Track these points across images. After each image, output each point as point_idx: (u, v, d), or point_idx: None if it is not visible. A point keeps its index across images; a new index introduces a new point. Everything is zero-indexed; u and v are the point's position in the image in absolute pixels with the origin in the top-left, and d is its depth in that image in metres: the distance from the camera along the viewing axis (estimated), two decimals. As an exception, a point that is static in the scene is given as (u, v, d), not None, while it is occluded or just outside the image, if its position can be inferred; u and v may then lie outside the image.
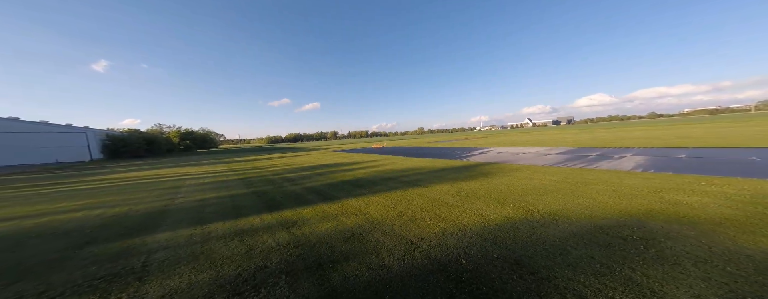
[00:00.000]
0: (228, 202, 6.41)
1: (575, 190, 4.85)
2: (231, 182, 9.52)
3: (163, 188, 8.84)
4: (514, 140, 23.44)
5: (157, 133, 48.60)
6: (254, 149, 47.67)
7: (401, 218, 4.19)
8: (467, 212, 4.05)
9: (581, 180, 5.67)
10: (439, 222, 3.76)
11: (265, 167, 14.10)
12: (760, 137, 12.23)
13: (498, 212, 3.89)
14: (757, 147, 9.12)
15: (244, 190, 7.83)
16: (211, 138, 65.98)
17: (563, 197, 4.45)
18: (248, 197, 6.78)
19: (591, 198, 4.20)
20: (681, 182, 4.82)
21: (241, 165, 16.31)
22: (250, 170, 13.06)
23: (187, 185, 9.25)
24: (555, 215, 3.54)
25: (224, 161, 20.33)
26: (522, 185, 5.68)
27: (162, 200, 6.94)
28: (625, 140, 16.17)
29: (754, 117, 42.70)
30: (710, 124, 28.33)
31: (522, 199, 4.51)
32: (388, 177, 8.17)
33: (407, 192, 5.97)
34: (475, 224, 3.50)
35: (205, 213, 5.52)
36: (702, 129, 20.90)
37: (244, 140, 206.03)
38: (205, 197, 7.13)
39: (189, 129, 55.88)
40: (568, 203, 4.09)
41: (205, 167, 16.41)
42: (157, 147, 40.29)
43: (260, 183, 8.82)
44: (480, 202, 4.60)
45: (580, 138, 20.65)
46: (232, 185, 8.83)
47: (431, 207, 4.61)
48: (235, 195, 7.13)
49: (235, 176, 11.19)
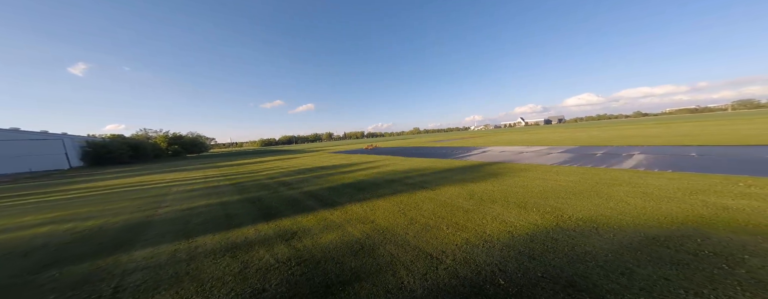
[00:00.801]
0: (219, 211, 5.85)
1: (599, 192, 4.52)
2: (222, 188, 8.89)
3: (146, 197, 8.16)
4: (512, 139, 23.39)
5: (143, 138, 46.71)
6: (247, 153, 46.48)
7: (414, 227, 3.76)
8: (488, 219, 3.65)
9: (600, 180, 5.37)
10: (458, 231, 3.35)
11: (259, 171, 13.45)
12: (758, 134, 12.37)
13: (523, 219, 3.51)
14: (763, 145, 9.10)
15: (236, 196, 7.25)
16: (202, 142, 64.08)
17: (589, 201, 4.11)
18: (241, 205, 6.23)
19: (622, 201, 3.87)
20: (711, 183, 4.54)
21: (233, 169, 15.57)
22: (243, 175, 12.40)
23: (174, 193, 8.57)
24: (591, 222, 3.17)
25: (215, 166, 19.46)
26: (538, 186, 5.34)
27: (144, 210, 6.30)
28: (624, 138, 16.23)
29: (733, 116, 44.27)
30: (701, 122, 29.06)
31: (544, 203, 4.15)
32: (391, 179, 7.74)
33: (415, 196, 5.56)
34: (502, 233, 3.10)
35: (192, 224, 4.96)
36: (696, 127, 21.30)
37: (237, 144, 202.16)
38: (194, 205, 6.53)
39: (177, 133, 54.12)
40: (598, 207, 3.74)
41: (194, 172, 15.58)
42: (143, 153, 38.61)
43: (254, 189, 8.24)
44: (498, 206, 4.22)
45: (577, 136, 20.73)
46: (223, 191, 8.22)
47: (445, 213, 4.20)
48: (227, 203, 6.55)
49: (226, 181, 10.54)
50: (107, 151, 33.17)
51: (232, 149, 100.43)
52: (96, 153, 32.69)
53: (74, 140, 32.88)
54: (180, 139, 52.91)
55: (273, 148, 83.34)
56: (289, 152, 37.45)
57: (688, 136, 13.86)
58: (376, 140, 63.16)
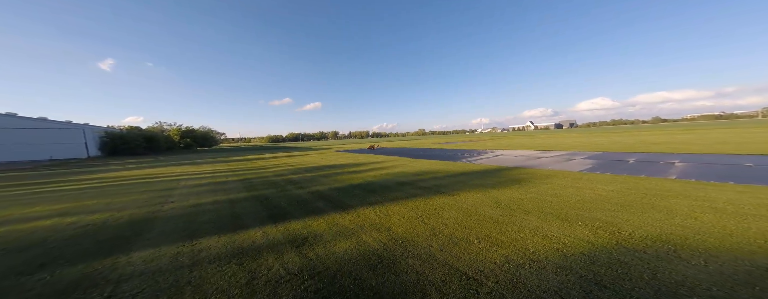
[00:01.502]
0: (226, 209, 5.58)
1: (653, 204, 3.94)
2: (230, 184, 8.69)
3: (155, 190, 8.03)
4: (524, 143, 22.47)
5: (158, 131, 47.95)
6: (255, 148, 47.00)
7: (438, 238, 3.33)
8: (526, 233, 3.18)
9: (647, 191, 4.75)
10: (493, 246, 2.89)
11: (267, 168, 13.28)
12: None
13: (570, 234, 3.01)
14: None
15: (244, 194, 6.99)
16: (212, 136, 65.29)
17: (646, 215, 3.55)
18: (249, 203, 5.95)
19: (689, 217, 3.26)
20: None
21: (241, 165, 15.51)
22: (251, 171, 12.24)
23: (182, 187, 8.43)
24: (662, 242, 2.62)
25: (224, 161, 19.52)
26: (573, 195, 4.79)
27: (151, 205, 6.11)
28: (652, 144, 15.19)
29: (764, 123, 41.37)
30: (732, 129, 27.16)
31: (589, 215, 3.63)
32: (403, 181, 7.30)
33: (432, 201, 5.11)
34: (549, 251, 2.63)
35: (197, 223, 4.69)
36: (729, 134, 19.81)
37: (245, 139, 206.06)
38: (200, 201, 6.30)
39: (190, 127, 55.35)
40: (662, 223, 3.17)
41: (203, 166, 15.58)
42: (157, 145, 39.60)
43: (262, 186, 7.98)
44: (534, 218, 3.73)
45: (597, 142, 19.66)
46: (231, 187, 8.00)
47: (471, 223, 3.75)
48: (234, 200, 6.29)
49: (234, 177, 10.37)
50: (123, 142, 34.22)
51: (241, 145, 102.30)
52: (113, 144, 33.82)
53: (94, 130, 34.09)
54: (192, 133, 54.15)
55: (280, 144, 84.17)
56: (296, 149, 37.57)
57: (728, 143, 12.76)
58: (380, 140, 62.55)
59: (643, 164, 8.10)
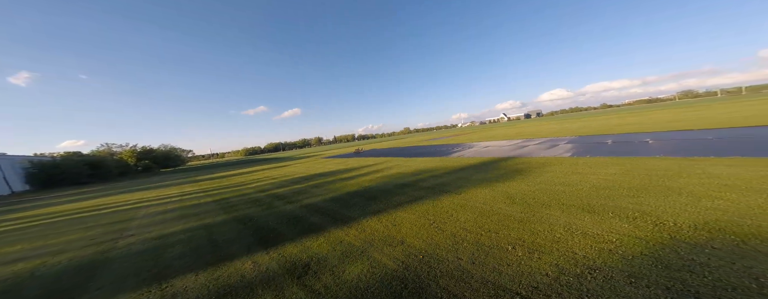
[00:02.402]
0: (201, 237, 4.69)
1: (666, 186, 3.86)
2: (203, 206, 7.58)
3: (105, 224, 6.69)
4: (504, 134, 23.30)
5: (106, 154, 41.92)
6: (230, 164, 43.70)
7: (463, 248, 2.91)
8: (560, 231, 2.88)
9: (649, 172, 4.75)
10: (533, 252, 2.53)
11: (247, 183, 12.06)
12: (738, 116, 12.75)
13: (610, 229, 2.76)
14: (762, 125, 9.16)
15: (222, 216, 6.05)
16: (177, 155, 58.96)
17: (669, 199, 3.41)
18: (229, 227, 5.09)
19: (715, 198, 3.12)
20: None
21: (215, 183, 13.96)
22: (228, 189, 10.99)
23: (142, 216, 7.14)
24: (717, 231, 2.38)
25: (194, 180, 17.52)
26: (581, 182, 4.67)
27: (100, 242, 4.98)
28: (615, 126, 16.41)
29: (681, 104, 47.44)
30: (667, 110, 30.66)
31: (612, 204, 3.45)
32: (403, 183, 6.85)
33: (440, 203, 4.72)
34: (601, 253, 2.31)
35: (166, 259, 3.82)
36: (669, 114, 22.22)
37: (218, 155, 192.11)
38: (167, 231, 5.28)
39: (147, 147, 49.41)
40: (693, 207, 2.97)
41: (168, 189, 13.72)
42: (106, 171, 34.19)
43: (243, 205, 7.04)
44: (557, 212, 3.47)
45: (569, 127, 20.95)
46: (205, 211, 6.94)
47: (493, 225, 3.39)
48: (211, 225, 5.37)
49: (208, 198, 9.15)
50: (59, 171, 28.71)
51: (213, 161, 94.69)
52: (45, 174, 28.25)
53: (14, 160, 28.07)
54: (151, 153, 48.35)
55: (259, 157, 79.12)
56: (277, 160, 35.47)
57: (675, 121, 14.16)
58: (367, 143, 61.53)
59: (622, 145, 8.50)
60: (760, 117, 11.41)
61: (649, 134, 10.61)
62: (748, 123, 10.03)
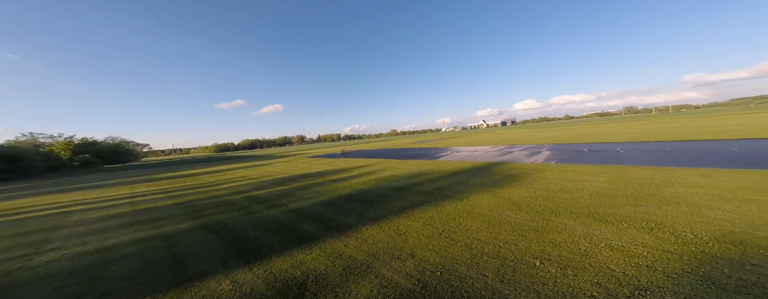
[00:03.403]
0: (158, 250, 3.88)
1: (661, 195, 3.97)
2: (163, 211, 6.49)
3: (14, 234, 5.32)
4: (487, 139, 24.25)
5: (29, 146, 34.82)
6: (197, 161, 39.72)
7: (485, 262, 2.64)
8: (584, 243, 2.75)
9: (636, 181, 4.94)
10: (565, 268, 2.33)
11: (218, 184, 10.79)
12: (687, 131, 14.61)
13: (633, 240, 2.68)
14: (711, 139, 10.46)
15: (187, 223, 5.16)
16: (129, 150, 51.31)
17: (671, 209, 3.51)
18: (198, 236, 4.31)
19: (714, 209, 3.23)
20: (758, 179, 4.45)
21: (177, 183, 12.32)
22: (196, 190, 9.72)
23: (73, 224, 5.84)
24: (740, 244, 2.37)
25: (150, 179, 15.32)
26: (578, 189, 4.74)
27: (3, 260, 3.87)
28: (585, 135, 17.85)
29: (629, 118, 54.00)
30: (622, 123, 34.57)
31: (619, 212, 3.45)
32: (399, 187, 6.51)
33: (444, 209, 4.46)
34: (639, 270, 2.15)
35: (107, 281, 3.04)
36: (625, 126, 24.92)
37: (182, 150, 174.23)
38: (110, 243, 4.32)
39: (88, 139, 42.26)
40: (699, 218, 3.04)
41: (115, 189, 11.65)
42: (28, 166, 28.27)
43: (214, 209, 6.14)
44: (568, 220, 3.39)
45: (545, 135, 22.38)
46: (164, 216, 5.92)
47: (508, 235, 3.20)
48: (172, 235, 4.52)
49: (168, 200, 7.92)
50: None
51: (175, 157, 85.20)
52: None
53: None
54: (94, 146, 41.45)
55: (232, 154, 72.41)
56: (254, 157, 32.94)
57: (636, 133, 15.75)
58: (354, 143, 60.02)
59: (598, 154, 9.12)
60: (702, 132, 13.15)
61: (616, 144, 11.60)
62: (695, 137, 11.44)
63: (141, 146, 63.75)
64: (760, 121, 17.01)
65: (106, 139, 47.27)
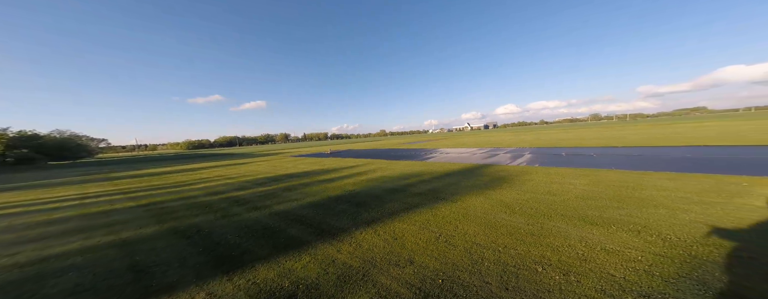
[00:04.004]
0: (114, 259, 3.40)
1: (639, 198, 4.19)
2: (122, 213, 5.75)
3: None
4: (474, 142, 24.96)
5: None
6: (166, 158, 36.38)
7: (486, 269, 2.58)
8: (580, 247, 2.79)
9: (615, 184, 5.18)
10: (567, 274, 2.33)
11: (191, 183, 9.89)
12: (635, 139, 16.09)
13: (624, 244, 2.76)
14: (668, 146, 11.57)
15: (152, 228, 4.60)
16: (80, 145, 44.75)
17: (649, 212, 3.71)
18: (166, 242, 3.83)
19: (692, 212, 3.40)
20: (712, 184, 4.90)
21: (143, 182, 11.10)
22: (163, 190, 8.81)
23: (1, 230, 4.95)
24: (723, 247, 2.50)
25: (107, 178, 13.57)
26: (564, 192, 4.90)
27: None
28: (560, 140, 19.03)
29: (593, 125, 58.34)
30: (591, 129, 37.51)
31: (605, 215, 3.59)
32: (392, 188, 6.36)
33: (439, 211, 4.39)
34: (639, 276, 2.16)
35: (43, 297, 2.55)
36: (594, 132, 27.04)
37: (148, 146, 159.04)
38: (50, 253, 3.71)
39: (28, 132, 36.04)
40: (678, 220, 3.23)
41: (61, 189, 10.07)
42: None
43: (186, 211, 5.55)
44: (561, 223, 3.46)
45: (525, 139, 23.57)
46: (124, 219, 5.24)
47: (505, 239, 3.18)
48: (134, 241, 3.98)
49: (129, 201, 7.06)
50: None
51: (138, 154, 77.13)
52: None
53: None
54: (35, 140, 35.73)
55: (207, 151, 67.02)
56: (233, 155, 30.86)
57: (601, 139, 17.10)
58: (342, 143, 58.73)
59: (575, 157, 9.70)
60: (657, 139, 14.58)
61: (590, 148, 12.46)
62: (652, 144, 12.64)
63: (96, 140, 56.06)
64: (700, 130, 19.30)
65: (52, 132, 41.00)
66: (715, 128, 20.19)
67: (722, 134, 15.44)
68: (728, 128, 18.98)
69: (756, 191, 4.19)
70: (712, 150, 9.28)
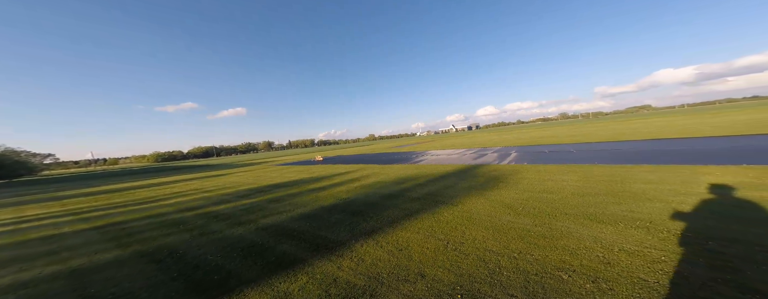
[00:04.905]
0: (61, 294, 2.77)
1: (631, 192, 4.27)
2: (69, 238, 4.88)
3: None
4: (461, 143, 25.37)
5: None
6: (128, 173, 32.85)
7: (507, 278, 2.38)
8: (599, 249, 2.69)
9: (605, 179, 5.28)
10: (597, 282, 2.18)
11: (160, 199, 8.82)
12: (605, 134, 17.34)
13: (645, 244, 2.67)
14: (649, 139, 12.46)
15: (112, 253, 3.90)
16: (18, 161, 36.49)
17: (647, 205, 3.79)
18: (129, 270, 3.23)
19: (686, 204, 3.52)
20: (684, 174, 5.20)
21: (97, 201, 9.67)
22: (124, 208, 7.73)
23: None
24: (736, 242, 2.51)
25: (53, 197, 11.65)
26: (561, 189, 4.92)
27: None
28: (539, 138, 19.97)
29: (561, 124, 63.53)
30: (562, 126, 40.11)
31: (607, 211, 3.58)
32: (389, 194, 6.05)
33: (441, 216, 4.18)
34: (671, 279, 2.13)
35: None
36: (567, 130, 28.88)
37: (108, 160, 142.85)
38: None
39: None
40: (674, 214, 3.41)
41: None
42: None
43: (155, 231, 4.82)
44: (569, 223, 3.38)
45: (507, 138, 24.46)
46: (73, 245, 4.42)
47: (517, 243, 3.03)
48: (86, 271, 3.33)
49: (81, 223, 6.04)
50: None
51: (96, 170, 68.47)
52: None
53: None
54: None
55: (180, 163, 61.66)
56: (210, 167, 28.39)
57: (574, 136, 18.22)
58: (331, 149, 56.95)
59: (558, 154, 10.09)
60: (620, 134, 15.76)
61: (567, 145, 13.12)
62: (618, 138, 13.60)
63: (40, 156, 48.03)
64: (652, 126, 21.19)
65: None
66: (661, 124, 22.41)
67: (668, 128, 17.16)
68: (672, 123, 21.11)
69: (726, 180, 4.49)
70: (670, 142, 10.16)
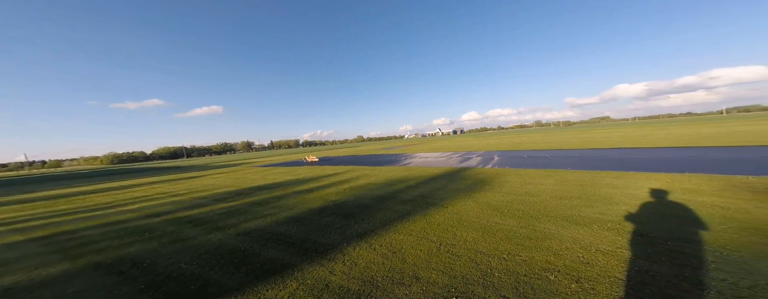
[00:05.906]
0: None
1: (601, 196, 4.63)
2: (9, 250, 4.19)
3: None
4: (447, 146, 25.99)
5: None
6: (76, 176, 29.11)
7: (499, 279, 2.46)
8: (578, 250, 2.87)
9: (576, 183, 5.65)
10: (581, 282, 2.33)
11: (118, 204, 7.94)
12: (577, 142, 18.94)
13: (617, 245, 2.91)
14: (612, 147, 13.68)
15: (58, 267, 3.44)
16: None
17: (613, 208, 4.18)
18: (82, 284, 2.87)
19: (648, 209, 4.09)
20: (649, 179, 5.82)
21: (35, 208, 8.42)
22: (72, 215, 6.86)
23: None
24: (698, 243, 2.95)
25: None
26: (541, 192, 5.22)
27: None
28: (519, 143, 21.13)
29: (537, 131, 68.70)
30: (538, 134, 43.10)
31: (582, 213, 3.88)
32: (380, 196, 6.00)
33: (432, 218, 4.23)
34: (643, 277, 2.35)
35: None
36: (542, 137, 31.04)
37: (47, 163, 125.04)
38: None
39: None
40: (643, 217, 3.77)
41: None
42: None
43: (114, 240, 4.32)
44: (552, 225, 3.59)
45: (490, 143, 25.53)
46: (4, 260, 3.82)
47: (506, 245, 3.15)
48: (22, 289, 2.89)
49: (14, 235, 5.22)
50: None
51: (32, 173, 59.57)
52: None
53: None
54: None
55: (141, 165, 55.53)
56: (180, 169, 25.86)
57: (548, 143, 19.58)
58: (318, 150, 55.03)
59: (535, 159, 10.76)
60: (589, 142, 17.23)
61: (543, 151, 14.04)
62: (587, 146, 14.85)
63: None
64: (613, 136, 23.44)
65: None
66: (619, 134, 24.93)
67: (626, 138, 19.13)
68: (628, 134, 23.52)
69: (676, 186, 5.08)
70: (629, 151, 11.30)
